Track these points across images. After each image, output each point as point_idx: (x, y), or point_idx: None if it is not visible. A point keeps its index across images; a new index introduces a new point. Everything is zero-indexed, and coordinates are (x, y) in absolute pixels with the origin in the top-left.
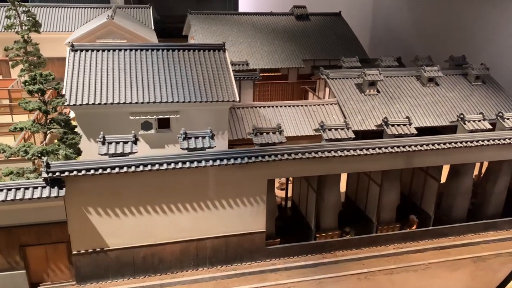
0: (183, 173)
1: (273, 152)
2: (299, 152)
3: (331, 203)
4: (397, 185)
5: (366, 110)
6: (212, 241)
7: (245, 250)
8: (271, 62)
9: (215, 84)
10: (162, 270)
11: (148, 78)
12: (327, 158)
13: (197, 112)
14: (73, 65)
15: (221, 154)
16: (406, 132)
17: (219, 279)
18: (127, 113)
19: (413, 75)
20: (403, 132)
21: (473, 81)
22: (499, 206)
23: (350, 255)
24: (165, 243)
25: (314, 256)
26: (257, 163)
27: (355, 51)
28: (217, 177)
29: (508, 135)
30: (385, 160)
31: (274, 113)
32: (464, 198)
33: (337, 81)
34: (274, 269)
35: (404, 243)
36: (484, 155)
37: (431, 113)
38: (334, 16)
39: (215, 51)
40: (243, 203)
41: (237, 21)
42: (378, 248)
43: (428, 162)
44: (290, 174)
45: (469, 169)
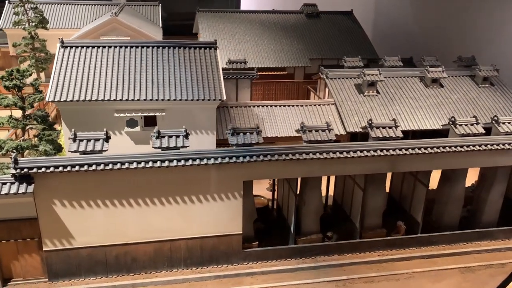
0: (155, 173)
1: (248, 153)
2: (276, 154)
3: (312, 207)
4: (383, 189)
5: (363, 111)
6: (186, 242)
7: (221, 253)
8: (277, 60)
9: (203, 82)
10: (135, 270)
11: (135, 75)
12: (306, 160)
13: (183, 111)
14: (62, 61)
15: (193, 154)
16: (391, 135)
17: (193, 281)
18: (112, 110)
19: (416, 75)
20: (387, 135)
21: (481, 83)
22: (494, 215)
23: (331, 260)
24: (137, 243)
25: (293, 260)
26: (231, 163)
27: (365, 51)
28: (190, 177)
29: (501, 141)
30: (368, 163)
31: (268, 112)
32: (456, 206)
33: (336, 81)
34: (250, 272)
35: (389, 250)
36: (475, 161)
37: (432, 116)
38: (345, 14)
39: (206, 48)
40: (219, 204)
41: (245, 19)
42: (361, 254)
43: (415, 166)
44: (267, 176)
45: (460, 175)
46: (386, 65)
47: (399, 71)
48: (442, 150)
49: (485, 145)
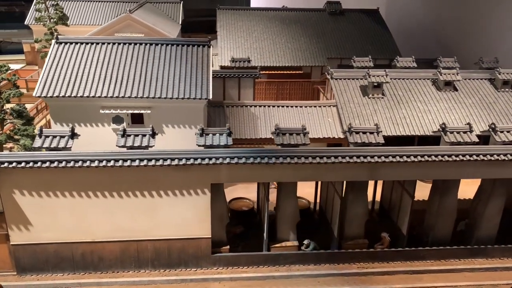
0: (120, 171)
1: (215, 155)
2: (243, 157)
3: (288, 213)
4: (364, 198)
5: (366, 114)
6: (153, 243)
7: (189, 256)
8: (293, 59)
9: (191, 81)
10: (102, 269)
11: (123, 72)
12: (276, 165)
13: (170, 109)
14: (54, 57)
15: (157, 154)
16: (371, 141)
17: (159, 283)
18: (99, 107)
19: (429, 78)
20: (367, 141)
21: (500, 86)
22: (491, 231)
23: (306, 270)
24: (104, 242)
25: (266, 268)
26: (196, 165)
27: (388, 51)
28: (156, 177)
29: (495, 151)
30: (345, 170)
31: (265, 113)
32: (447, 219)
33: (340, 82)
34: (218, 278)
35: (370, 263)
36: (466, 171)
37: (441, 121)
38: (370, 12)
39: (199, 46)
40: (186, 207)
41: (265, 17)
42: (340, 266)
43: (397, 175)
44: (236, 179)
45: (452, 186)
46: (398, 66)
47: (410, 73)
48: (426, 159)
49: (476, 155)
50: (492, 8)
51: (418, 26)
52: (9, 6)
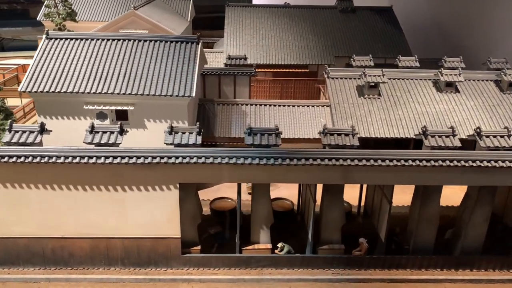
0: (88, 168)
1: (182, 154)
2: (211, 156)
3: (260, 215)
4: (340, 201)
5: (359, 115)
6: (123, 241)
7: (159, 255)
8: (300, 57)
9: (175, 78)
10: (73, 265)
11: (109, 68)
12: (244, 165)
13: (153, 106)
14: (42, 53)
15: (123, 151)
16: (346, 143)
17: (127, 281)
18: (83, 103)
19: (430, 78)
20: (341, 143)
21: (506, 88)
22: (477, 240)
23: (278, 274)
24: (73, 238)
25: (237, 270)
26: (163, 164)
27: (398, 50)
28: (124, 175)
29: (479, 157)
30: (317, 172)
31: (255, 111)
32: (429, 226)
33: (337, 81)
34: (187, 279)
35: (346, 270)
36: (446, 177)
37: (439, 123)
38: (383, 10)
39: (188, 43)
40: (154, 206)
41: (274, 14)
42: (314, 271)
43: (371, 179)
44: (205, 179)
45: (434, 191)
46: (400, 65)
47: (411, 73)
48: (402, 164)
49: (457, 161)
50: (509, 6)
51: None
52: (10, 3)
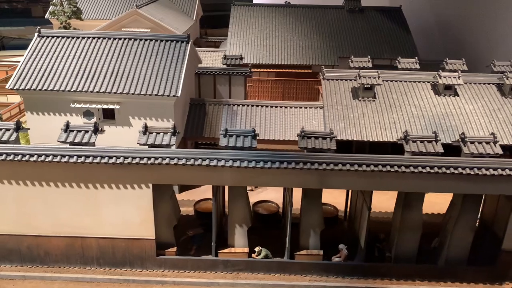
0: (62, 167)
1: (154, 154)
2: (184, 158)
3: (237, 218)
4: (318, 206)
5: (352, 118)
6: (97, 241)
7: (134, 256)
8: (303, 58)
9: (162, 77)
10: (49, 263)
11: (97, 67)
12: (216, 167)
13: (139, 105)
14: (33, 51)
15: (94, 151)
16: (322, 147)
17: (101, 281)
18: (71, 101)
19: (429, 81)
20: (317, 147)
21: (508, 92)
22: (462, 251)
23: (253, 279)
24: (49, 236)
25: (212, 273)
26: (134, 164)
27: (405, 51)
28: (98, 174)
29: (461, 164)
30: (292, 176)
31: (248, 112)
32: (412, 234)
33: (332, 82)
34: (161, 281)
35: (324, 276)
36: (428, 184)
37: (434, 127)
38: (392, 11)
39: (177, 42)
40: (128, 206)
41: (280, 14)
42: (291, 277)
43: (349, 185)
44: (177, 181)
45: (417, 198)
46: (399, 67)
47: (410, 75)
48: (380, 169)
49: (438, 168)
50: None
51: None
52: (10, 2)
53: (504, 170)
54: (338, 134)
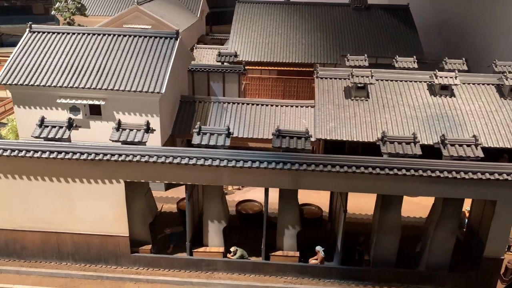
0: (36, 162)
1: (125, 151)
2: (155, 155)
3: (213, 217)
4: (294, 207)
5: (343, 117)
6: (72, 237)
7: (109, 253)
8: (305, 56)
9: (147, 74)
10: (25, 257)
11: (84, 63)
12: (189, 166)
13: (124, 101)
14: (23, 46)
15: (67, 147)
16: (296, 147)
17: (75, 277)
18: (58, 96)
19: (425, 80)
20: (291, 146)
21: (507, 93)
22: (444, 256)
23: (228, 279)
24: (24, 231)
25: (186, 273)
26: (105, 161)
27: (411, 50)
28: (71, 171)
29: (439, 166)
30: (266, 176)
31: (237, 110)
32: (390, 237)
33: (325, 81)
34: (135, 278)
35: (300, 278)
36: (405, 187)
37: (427, 128)
38: (399, 9)
39: (166, 39)
40: (102, 203)
41: (284, 11)
42: (265, 278)
43: (324, 186)
44: (148, 179)
45: (394, 200)
46: (397, 66)
47: (406, 74)
48: (354, 171)
49: (414, 170)
50: None
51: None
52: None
53: (484, 174)
54: (327, 134)
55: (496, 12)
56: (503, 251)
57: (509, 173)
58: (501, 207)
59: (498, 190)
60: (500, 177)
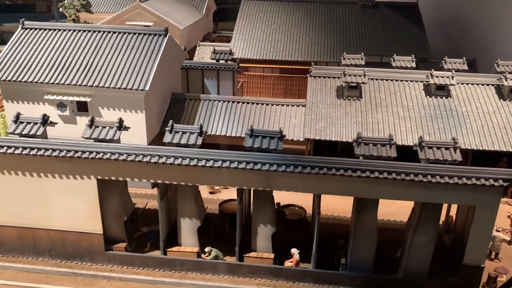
0: (12, 158)
1: (96, 149)
2: (125, 153)
3: (185, 216)
4: (269, 208)
5: (334, 117)
6: (48, 233)
7: (84, 250)
8: (308, 54)
9: (133, 71)
10: (3, 252)
11: (72, 60)
12: (160, 164)
13: (110, 98)
14: (15, 42)
15: (40, 143)
16: (267, 147)
17: (50, 273)
18: (46, 92)
19: (422, 80)
20: (262, 147)
21: (507, 95)
22: (423, 262)
23: (200, 280)
24: (2, 226)
25: (160, 272)
26: (76, 158)
27: (417, 49)
28: (46, 167)
29: (411, 170)
30: (238, 176)
31: (227, 108)
32: (366, 242)
33: (318, 80)
34: (108, 276)
35: (274, 281)
36: (379, 190)
37: (420, 130)
38: (407, 7)
39: (155, 35)
40: (75, 200)
41: (290, 8)
42: (239, 279)
43: (296, 187)
44: (121, 176)
45: (370, 203)
46: (394, 65)
47: (402, 74)
48: (325, 172)
49: (388, 173)
50: None
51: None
52: None
53: (461, 179)
54: (316, 134)
55: (509, 10)
56: (483, 259)
57: (487, 178)
58: (481, 213)
59: (477, 196)
60: (477, 182)
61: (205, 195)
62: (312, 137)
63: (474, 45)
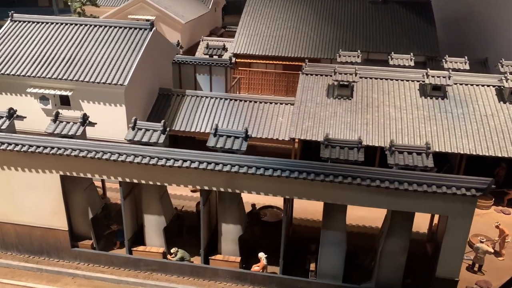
0: None
1: (58, 144)
2: (86, 150)
3: (152, 217)
4: (236, 209)
5: (322, 116)
6: (15, 227)
7: (51, 246)
8: (312, 50)
9: (114, 65)
10: None
11: (55, 53)
12: (122, 163)
13: (91, 92)
14: (2, 35)
15: (2, 137)
16: (230, 147)
17: (16, 268)
18: (29, 85)
19: (418, 80)
20: (226, 147)
21: (508, 96)
22: (395, 272)
23: (165, 281)
24: None
25: (125, 271)
26: (41, 154)
27: (425, 47)
28: (11, 162)
29: (377, 175)
30: (200, 176)
31: (212, 105)
32: (335, 249)
33: (310, 77)
34: (73, 273)
35: (240, 285)
36: (346, 196)
37: (410, 131)
38: (419, 4)
39: (140, 30)
40: (40, 196)
41: (297, 3)
42: (203, 282)
43: (259, 189)
44: (84, 173)
45: (337, 209)
46: (391, 64)
47: (397, 73)
48: (288, 175)
49: (352, 178)
50: None
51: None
52: None
53: (431, 187)
54: (302, 134)
55: None
56: (457, 272)
57: (459, 187)
58: (453, 223)
59: (449, 205)
60: (448, 190)
61: (187, 193)
62: (297, 137)
63: (488, 44)
